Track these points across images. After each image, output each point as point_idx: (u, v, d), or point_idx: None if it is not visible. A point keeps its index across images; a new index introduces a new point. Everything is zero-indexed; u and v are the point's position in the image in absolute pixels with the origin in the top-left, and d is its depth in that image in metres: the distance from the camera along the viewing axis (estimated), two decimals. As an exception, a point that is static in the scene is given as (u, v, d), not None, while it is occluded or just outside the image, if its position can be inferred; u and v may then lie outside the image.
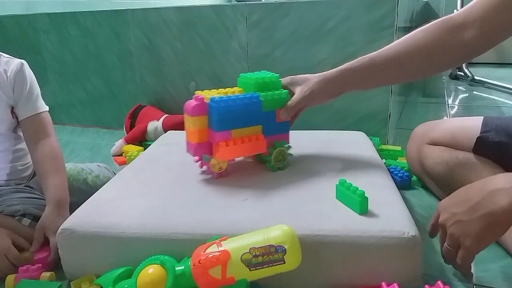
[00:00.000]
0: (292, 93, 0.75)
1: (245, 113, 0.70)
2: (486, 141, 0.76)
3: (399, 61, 0.69)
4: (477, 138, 0.76)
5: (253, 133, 0.72)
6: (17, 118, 0.83)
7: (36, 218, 0.71)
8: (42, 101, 0.86)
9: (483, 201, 0.53)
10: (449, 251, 0.57)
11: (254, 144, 0.71)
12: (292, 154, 0.78)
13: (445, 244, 0.57)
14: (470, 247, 0.54)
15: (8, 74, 0.81)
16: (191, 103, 0.69)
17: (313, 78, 0.73)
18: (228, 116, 0.68)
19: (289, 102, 0.74)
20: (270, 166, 0.75)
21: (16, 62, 0.84)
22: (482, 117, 0.79)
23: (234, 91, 0.74)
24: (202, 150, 0.71)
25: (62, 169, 0.80)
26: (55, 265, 0.66)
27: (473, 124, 0.79)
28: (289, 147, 0.77)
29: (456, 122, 0.87)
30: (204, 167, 0.76)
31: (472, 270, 0.63)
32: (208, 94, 0.72)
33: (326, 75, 0.72)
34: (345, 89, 0.74)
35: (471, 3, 0.64)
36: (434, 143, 0.84)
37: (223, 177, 0.73)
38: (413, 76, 0.75)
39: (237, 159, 0.79)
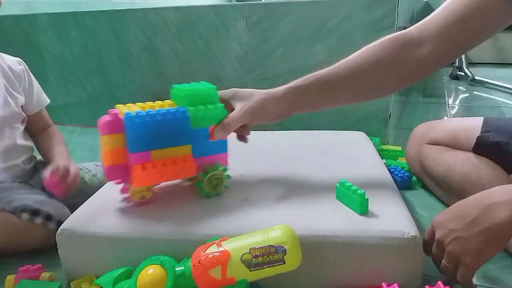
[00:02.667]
0: (231, 108, 0.65)
1: (168, 131, 0.60)
2: (486, 141, 0.76)
3: (351, 78, 0.64)
4: (477, 137, 0.76)
5: (180, 154, 0.61)
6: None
7: (35, 213, 0.71)
8: (44, 93, 0.94)
9: (481, 216, 0.52)
10: (448, 268, 0.55)
11: (180, 167, 0.60)
12: (230, 177, 0.68)
13: (443, 261, 0.55)
14: (470, 264, 0.53)
15: (18, 73, 0.87)
16: (103, 118, 0.59)
17: (258, 95, 0.64)
18: (146, 134, 0.58)
19: (226, 120, 0.64)
20: (203, 192, 0.65)
21: (16, 59, 0.88)
22: (482, 118, 0.79)
23: (163, 105, 0.65)
24: (119, 174, 0.60)
25: (64, 143, 0.91)
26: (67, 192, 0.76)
27: (473, 124, 0.79)
28: (225, 168, 0.67)
29: (457, 122, 0.87)
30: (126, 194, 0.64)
31: (475, 283, 0.63)
32: (127, 109, 0.62)
33: (271, 93, 0.64)
34: (293, 109, 0.66)
35: (425, 19, 0.63)
36: (434, 143, 0.84)
37: (147, 205, 0.63)
38: (366, 95, 0.69)
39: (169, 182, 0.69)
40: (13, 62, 0.87)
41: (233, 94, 0.66)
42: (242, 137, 0.71)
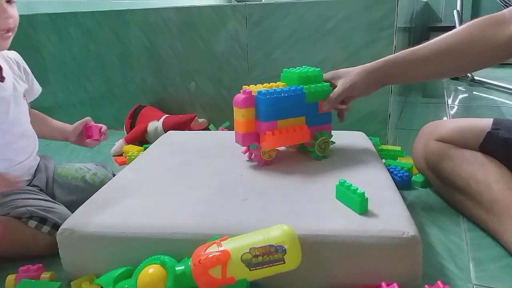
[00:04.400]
0: (334, 86, 0.80)
1: (290, 104, 0.76)
2: (496, 137, 0.76)
3: (440, 54, 0.72)
4: (487, 133, 0.77)
5: (297, 123, 0.77)
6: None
7: (42, 221, 0.70)
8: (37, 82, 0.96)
9: None
10: None
11: (298, 134, 0.76)
12: (334, 142, 0.84)
13: None
14: None
15: (19, 63, 0.88)
16: (240, 96, 0.75)
17: (354, 70, 0.78)
18: (274, 107, 0.74)
19: (331, 94, 0.79)
20: (314, 155, 0.80)
21: (12, 52, 0.89)
22: (492, 119, 0.80)
23: (278, 85, 0.80)
24: (250, 139, 0.77)
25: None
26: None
27: (482, 124, 0.80)
28: (331, 135, 0.82)
29: (465, 121, 0.87)
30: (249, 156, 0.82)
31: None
32: (254, 88, 0.78)
33: (367, 67, 0.77)
34: (386, 80, 0.78)
35: None
36: (442, 140, 0.85)
37: (269, 165, 0.79)
38: (453, 71, 0.78)
39: (281, 149, 0.86)
40: (12, 54, 0.89)
41: (334, 74, 0.81)
42: (340, 115, 0.86)
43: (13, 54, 0.89)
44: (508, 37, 0.66)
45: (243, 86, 0.79)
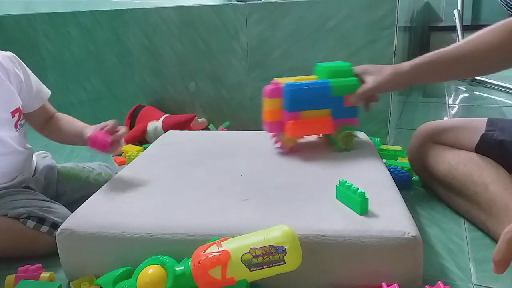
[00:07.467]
0: (363, 81, 0.81)
1: (315, 96, 0.79)
2: (491, 139, 0.76)
3: (465, 59, 0.75)
4: (482, 135, 0.77)
5: (322, 115, 0.80)
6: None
7: (41, 220, 0.70)
8: (44, 86, 0.89)
9: None
10: None
11: (321, 125, 0.81)
12: (358, 137, 0.88)
13: None
14: None
15: (12, 73, 0.77)
16: (269, 86, 0.80)
17: (385, 70, 0.79)
18: (299, 98, 0.78)
19: (359, 89, 0.80)
20: (337, 146, 0.83)
21: (7, 56, 0.78)
22: (486, 119, 0.79)
23: (308, 78, 0.83)
24: (276, 127, 0.82)
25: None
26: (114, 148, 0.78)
27: (477, 125, 0.79)
28: (355, 128, 0.84)
29: (460, 122, 0.87)
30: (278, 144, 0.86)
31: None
32: (285, 80, 0.81)
33: (398, 68, 0.78)
34: (415, 81, 0.82)
35: None
36: (437, 142, 0.84)
37: (294, 152, 0.82)
38: (477, 73, 0.84)
39: (308, 138, 0.90)
40: (5, 59, 0.77)
41: (365, 69, 0.82)
42: (367, 105, 0.86)
43: (4, 60, 0.76)
44: None
45: (275, 78, 0.82)
